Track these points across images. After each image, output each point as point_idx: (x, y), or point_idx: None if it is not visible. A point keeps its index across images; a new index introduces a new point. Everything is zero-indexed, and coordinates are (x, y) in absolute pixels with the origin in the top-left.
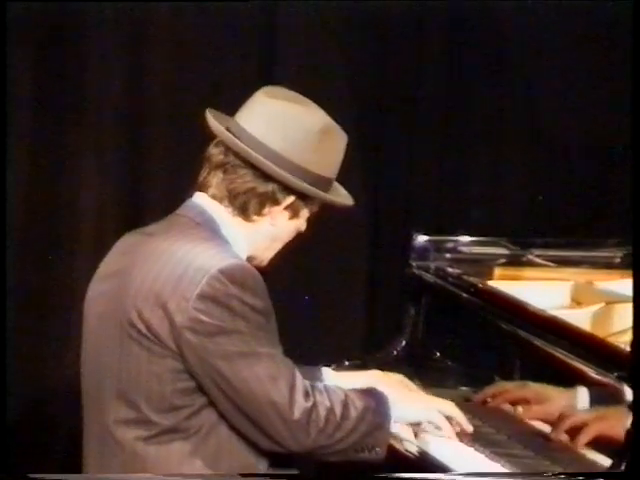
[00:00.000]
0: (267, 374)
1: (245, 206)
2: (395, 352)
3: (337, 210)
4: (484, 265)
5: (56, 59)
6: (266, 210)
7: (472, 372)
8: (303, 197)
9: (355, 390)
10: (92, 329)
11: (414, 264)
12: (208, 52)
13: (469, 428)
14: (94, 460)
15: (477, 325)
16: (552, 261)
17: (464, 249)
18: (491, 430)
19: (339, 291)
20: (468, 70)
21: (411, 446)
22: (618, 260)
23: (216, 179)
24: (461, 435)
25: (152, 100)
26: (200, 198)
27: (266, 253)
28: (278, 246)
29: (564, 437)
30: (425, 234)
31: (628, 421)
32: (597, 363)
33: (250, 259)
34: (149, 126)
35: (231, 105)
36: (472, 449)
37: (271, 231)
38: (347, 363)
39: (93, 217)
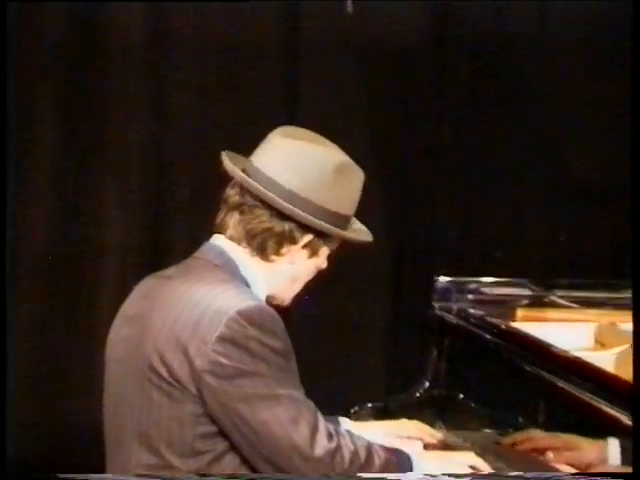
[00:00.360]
0: (288, 417)
1: (263, 246)
2: (418, 394)
3: (359, 250)
4: (507, 306)
5: (81, 99)
6: (284, 250)
7: (496, 414)
8: (321, 235)
9: (379, 444)
10: (113, 374)
11: (436, 305)
12: (232, 93)
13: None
14: None
15: (500, 366)
16: (575, 302)
17: (486, 290)
18: (516, 473)
19: (362, 333)
20: (489, 111)
21: None
22: None
23: (233, 220)
24: None
25: (175, 141)
26: (218, 240)
27: (287, 293)
28: (299, 286)
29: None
30: (447, 275)
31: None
32: (622, 406)
33: (270, 299)
34: (171, 168)
35: (253, 146)
36: None
37: (291, 270)
38: (369, 405)
39: (115, 259)
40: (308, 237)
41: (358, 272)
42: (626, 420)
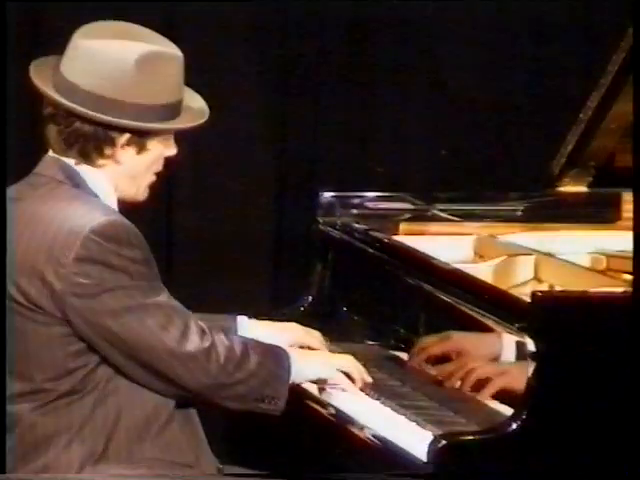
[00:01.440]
0: (158, 324)
1: (84, 153)
2: (302, 308)
3: (245, 168)
4: (389, 220)
5: None
6: (108, 152)
7: (378, 326)
8: (139, 132)
9: (256, 340)
10: None
11: (320, 220)
12: None
13: (368, 379)
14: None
15: (383, 280)
16: (455, 215)
17: (370, 205)
18: (397, 383)
19: (246, 248)
20: (371, 25)
21: (322, 403)
22: (519, 213)
23: (52, 132)
24: (365, 388)
25: None
26: (53, 153)
27: (135, 190)
28: (146, 179)
29: (468, 389)
30: (331, 190)
31: (528, 371)
32: (500, 315)
33: (122, 200)
34: None
35: None
36: (378, 402)
37: (124, 170)
38: (254, 319)
39: None
40: (125, 136)
41: (242, 187)
42: (503, 328)
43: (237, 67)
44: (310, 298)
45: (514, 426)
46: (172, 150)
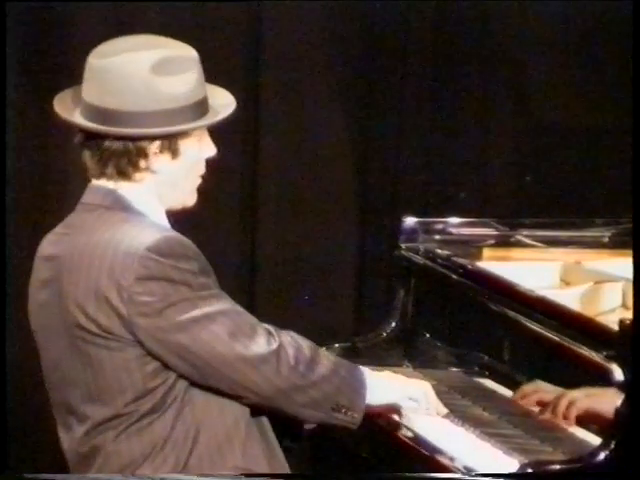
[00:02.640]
0: (226, 331)
1: (120, 170)
2: (384, 334)
3: (327, 193)
4: (473, 246)
5: None
6: (142, 164)
7: (462, 353)
8: (167, 136)
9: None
10: (43, 342)
11: (403, 246)
12: None
13: (442, 411)
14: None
15: (466, 306)
16: (540, 241)
17: (453, 230)
18: (481, 410)
19: (329, 274)
20: (456, 53)
21: (403, 428)
22: (606, 240)
23: (88, 159)
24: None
25: None
26: (96, 182)
27: (180, 197)
28: (189, 184)
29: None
30: (414, 216)
31: (617, 400)
32: (586, 343)
33: (172, 211)
34: None
35: None
36: (463, 429)
37: (163, 179)
38: (337, 345)
39: None
40: (155, 144)
41: (325, 213)
42: (590, 356)
43: (321, 92)
44: (393, 324)
45: (602, 456)
46: (211, 151)
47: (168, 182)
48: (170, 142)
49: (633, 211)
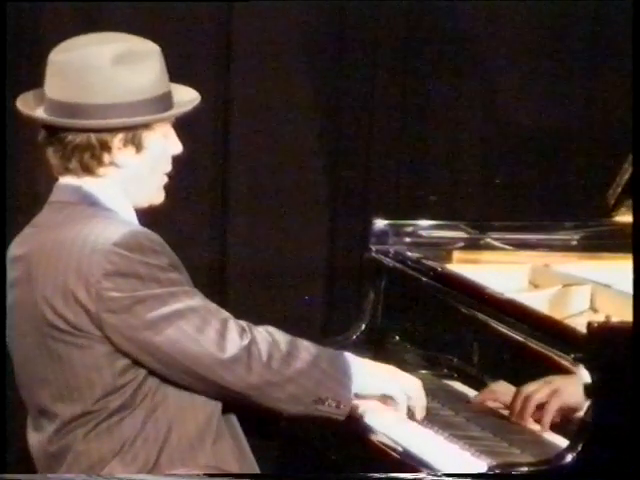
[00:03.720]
0: (194, 327)
1: (84, 164)
2: (355, 336)
3: (297, 194)
4: (443, 249)
5: None
6: (106, 158)
7: (431, 355)
8: (130, 129)
9: (312, 343)
10: (13, 342)
11: (373, 248)
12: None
13: (421, 414)
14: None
15: (436, 308)
16: (510, 244)
17: (423, 233)
18: (450, 412)
19: (298, 276)
20: (427, 55)
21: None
22: (575, 243)
23: (50, 155)
24: (421, 420)
25: None
26: (63, 180)
27: (148, 193)
28: (155, 179)
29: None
30: (384, 218)
31: (573, 388)
32: (554, 345)
33: (141, 207)
34: None
35: None
36: (432, 431)
37: (128, 174)
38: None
39: None
40: (118, 137)
41: (295, 214)
42: (558, 359)
43: (291, 93)
44: (363, 326)
45: (569, 458)
46: (177, 148)
47: (133, 177)
48: (134, 135)
49: (633, 211)
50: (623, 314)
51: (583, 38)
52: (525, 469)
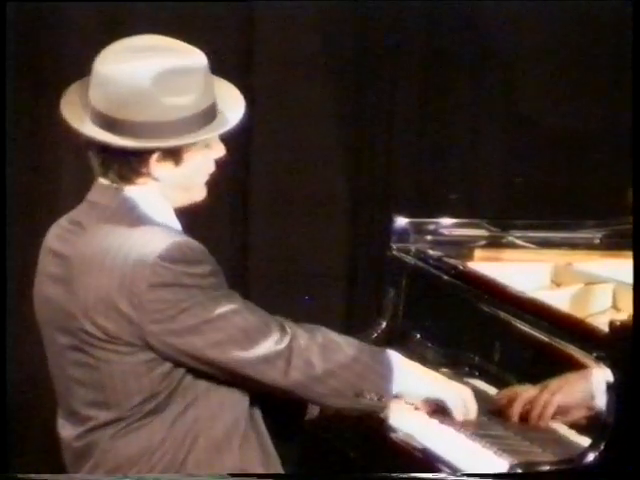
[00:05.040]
0: (237, 330)
1: (122, 175)
2: (375, 334)
3: (318, 193)
4: (464, 247)
5: None
6: (144, 170)
7: (452, 354)
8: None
9: (354, 339)
10: (47, 336)
11: (394, 246)
12: None
13: (470, 421)
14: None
15: (457, 307)
16: (532, 242)
17: (444, 231)
18: None
19: (319, 274)
20: (448, 54)
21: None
22: (597, 241)
23: (91, 157)
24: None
25: None
26: (102, 180)
27: (187, 196)
28: (196, 185)
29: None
30: (405, 216)
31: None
32: (576, 344)
33: (180, 208)
34: None
35: None
36: (453, 429)
37: (168, 183)
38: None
39: None
40: (156, 153)
41: (316, 214)
42: (580, 357)
43: (312, 94)
44: (383, 324)
45: (591, 457)
46: (220, 152)
47: (172, 186)
48: (172, 151)
49: (633, 211)
50: None
51: (607, 37)
52: (547, 468)
